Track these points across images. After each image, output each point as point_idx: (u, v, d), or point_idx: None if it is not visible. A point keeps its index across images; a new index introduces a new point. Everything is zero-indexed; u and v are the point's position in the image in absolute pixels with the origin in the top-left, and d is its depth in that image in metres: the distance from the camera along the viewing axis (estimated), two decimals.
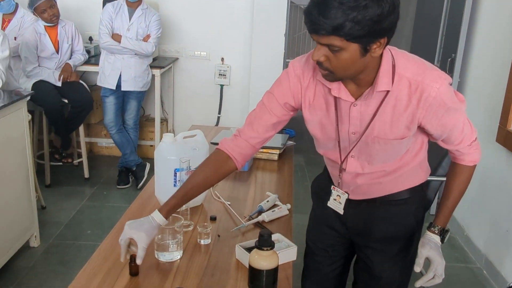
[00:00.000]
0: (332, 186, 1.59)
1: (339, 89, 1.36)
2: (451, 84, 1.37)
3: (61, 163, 4.08)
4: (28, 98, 2.91)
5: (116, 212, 3.43)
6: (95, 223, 3.39)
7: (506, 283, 2.63)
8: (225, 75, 4.50)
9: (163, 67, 4.14)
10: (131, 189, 3.92)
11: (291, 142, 2.57)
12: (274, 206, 1.87)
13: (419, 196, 1.61)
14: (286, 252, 1.52)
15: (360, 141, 1.43)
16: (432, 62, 3.83)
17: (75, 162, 4.18)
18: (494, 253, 2.92)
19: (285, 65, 4.23)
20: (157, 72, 4.03)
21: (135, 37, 3.76)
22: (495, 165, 2.92)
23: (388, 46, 1.32)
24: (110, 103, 3.85)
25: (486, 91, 3.12)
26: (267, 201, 1.86)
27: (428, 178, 2.39)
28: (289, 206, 1.87)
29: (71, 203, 3.62)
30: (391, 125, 1.37)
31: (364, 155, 1.47)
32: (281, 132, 2.67)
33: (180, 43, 4.49)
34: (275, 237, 1.59)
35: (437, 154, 2.45)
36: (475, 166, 1.56)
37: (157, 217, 1.44)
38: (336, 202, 1.58)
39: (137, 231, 1.41)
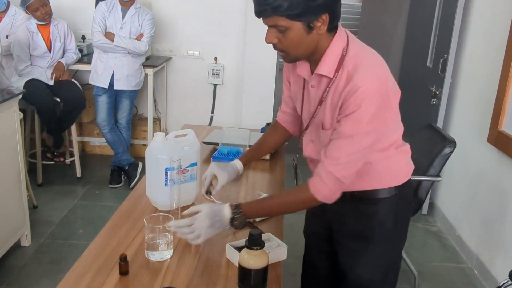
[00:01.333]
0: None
1: (302, 69, 1.48)
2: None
3: (53, 162, 4.06)
4: (20, 96, 2.90)
5: (108, 212, 3.42)
6: (87, 222, 3.38)
7: (497, 282, 2.65)
8: (218, 75, 4.49)
9: (156, 66, 4.13)
10: (123, 188, 3.91)
11: None
12: None
13: (396, 198, 1.56)
14: (276, 252, 1.52)
15: (311, 124, 1.51)
16: (424, 62, 3.87)
17: (67, 161, 4.17)
18: (485, 253, 2.94)
19: (278, 65, 4.23)
20: (150, 71, 4.02)
21: (128, 36, 3.75)
22: (487, 165, 2.94)
23: (352, 38, 1.41)
24: (102, 102, 3.84)
25: (477, 92, 3.13)
26: None
27: (419, 178, 2.43)
28: None
29: (63, 202, 3.61)
30: (329, 114, 1.42)
31: (319, 141, 1.52)
32: None
33: (174, 42, 4.48)
34: (265, 236, 1.59)
35: (428, 155, 2.47)
36: (314, 201, 1.43)
37: (238, 164, 1.78)
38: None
39: (222, 170, 1.73)
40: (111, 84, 3.78)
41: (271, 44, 1.38)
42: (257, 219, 1.75)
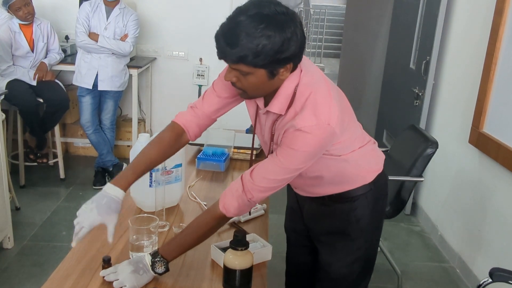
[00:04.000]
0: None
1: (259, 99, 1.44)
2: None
3: (36, 164, 4.02)
4: (2, 97, 2.86)
5: None
6: (70, 224, 3.27)
7: (478, 281, 2.69)
8: (203, 76, 4.49)
9: (141, 67, 4.12)
10: None
11: None
12: None
13: (372, 193, 1.58)
14: (261, 252, 1.53)
15: (270, 154, 1.47)
16: (408, 64, 3.91)
17: (51, 162, 4.12)
18: (467, 252, 2.98)
19: None
20: (134, 72, 4.00)
21: (112, 36, 3.73)
22: (468, 165, 2.99)
23: (305, 71, 1.37)
24: (86, 102, 3.81)
25: (459, 93, 3.18)
26: None
27: (402, 179, 2.46)
28: (265, 206, 1.89)
29: (46, 204, 3.57)
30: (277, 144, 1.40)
31: None
32: None
33: (158, 43, 4.46)
34: (250, 237, 1.60)
35: (411, 155, 2.50)
36: (223, 218, 1.42)
37: (118, 193, 1.44)
38: None
39: (108, 215, 1.42)
40: (95, 84, 3.76)
41: (228, 81, 1.36)
42: (242, 220, 1.76)
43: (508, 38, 2.54)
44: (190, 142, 2.39)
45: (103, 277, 1.39)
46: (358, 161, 1.53)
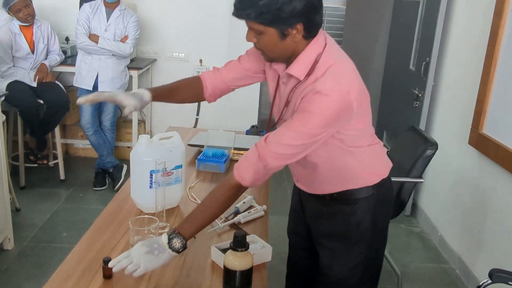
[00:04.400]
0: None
1: (278, 64, 1.49)
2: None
3: (36, 165, 4.02)
4: (3, 98, 2.87)
5: (92, 214, 3.38)
6: (70, 225, 3.35)
7: (478, 282, 2.69)
8: None
9: (141, 68, 4.12)
10: (107, 191, 3.89)
11: None
12: (250, 207, 1.88)
13: (374, 199, 1.57)
14: (261, 253, 1.53)
15: (279, 124, 1.51)
16: (407, 65, 3.92)
17: (51, 163, 4.13)
18: (466, 253, 2.98)
19: None
20: (134, 73, 4.01)
21: (112, 37, 3.73)
22: (468, 166, 2.99)
23: (330, 45, 1.42)
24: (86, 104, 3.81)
25: (459, 95, 3.19)
26: (243, 202, 1.87)
27: (402, 180, 2.46)
28: (265, 207, 1.89)
29: (46, 205, 3.57)
30: (293, 112, 1.42)
31: None
32: (258, 133, 2.70)
33: (158, 44, 4.47)
34: (250, 238, 1.60)
35: (411, 156, 2.50)
36: (241, 188, 1.42)
37: (146, 95, 1.60)
38: None
39: (129, 98, 1.53)
40: (95, 86, 3.76)
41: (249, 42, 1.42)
42: (242, 221, 1.76)
43: (507, 39, 2.55)
44: (189, 143, 2.42)
45: (104, 276, 1.39)
46: (363, 158, 1.53)
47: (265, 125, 1.68)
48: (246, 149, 2.38)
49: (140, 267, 1.32)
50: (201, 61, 4.49)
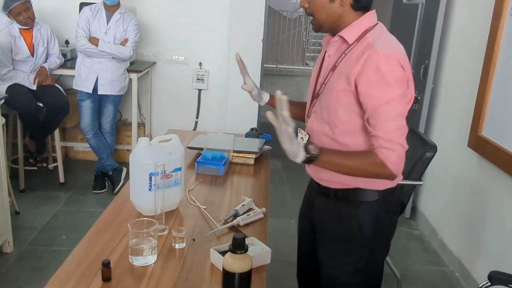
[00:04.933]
0: (298, 129, 1.64)
1: (326, 40, 1.63)
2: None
3: (35, 168, 4.02)
4: (2, 101, 2.87)
5: (92, 217, 3.39)
6: (70, 228, 3.35)
7: (477, 285, 2.69)
8: (203, 80, 4.50)
9: (141, 71, 4.13)
10: (107, 194, 3.89)
11: (267, 146, 2.59)
12: (250, 210, 1.87)
13: (378, 204, 1.58)
14: (260, 256, 1.53)
15: (321, 91, 1.58)
16: None
17: (50, 166, 4.13)
18: (466, 256, 2.98)
19: (263, 70, 4.25)
20: (134, 76, 4.01)
21: (112, 40, 3.74)
22: (467, 169, 2.99)
23: (381, 25, 1.56)
24: (86, 107, 3.82)
25: (458, 97, 3.19)
26: (243, 205, 1.87)
27: (401, 182, 2.45)
28: (264, 210, 1.89)
29: (45, 208, 3.57)
30: (337, 77, 1.51)
31: (320, 111, 1.59)
32: (257, 136, 2.70)
33: (158, 48, 4.48)
34: (249, 240, 1.60)
35: (411, 159, 2.50)
36: (384, 166, 1.42)
37: (265, 95, 1.96)
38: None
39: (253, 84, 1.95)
40: (95, 89, 3.77)
41: (302, 7, 1.55)
42: (241, 223, 1.76)
43: (506, 41, 2.55)
44: (188, 146, 2.42)
45: (103, 279, 1.39)
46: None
47: (264, 128, 1.71)
48: (246, 152, 2.39)
49: (290, 126, 1.30)
50: (200, 64, 4.49)
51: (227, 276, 1.35)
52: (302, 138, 1.66)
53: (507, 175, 2.49)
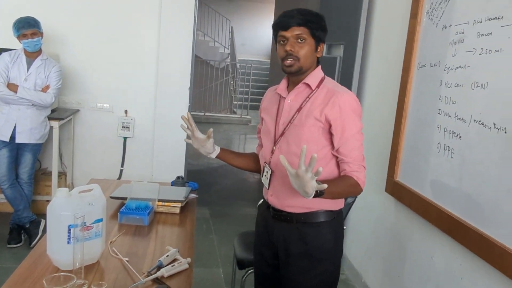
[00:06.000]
0: (264, 162, 1.94)
1: (282, 90, 1.92)
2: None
3: None
4: None
5: (5, 274, 3.14)
6: None
7: None
8: (128, 128, 4.44)
9: (63, 119, 4.01)
10: (23, 248, 3.65)
11: (193, 195, 2.58)
12: (174, 260, 1.84)
13: (335, 222, 1.89)
14: None
15: (287, 129, 1.85)
16: None
17: None
18: None
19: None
20: (55, 123, 3.89)
21: (33, 87, 3.62)
22: (385, 213, 3.13)
23: (326, 76, 1.91)
24: (2, 156, 3.62)
25: (375, 145, 3.37)
26: (167, 255, 1.83)
27: None
28: (189, 260, 1.86)
29: None
30: (306, 116, 1.81)
31: (285, 142, 1.86)
32: (183, 184, 2.69)
33: (82, 95, 4.39)
34: None
35: None
36: (358, 185, 1.80)
37: (216, 147, 2.02)
38: (265, 177, 1.93)
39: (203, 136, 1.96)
40: (12, 137, 3.60)
41: (289, 51, 1.78)
42: (165, 274, 1.72)
43: (415, 94, 2.76)
44: (111, 195, 2.36)
45: None
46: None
47: (191, 176, 1.80)
48: (171, 201, 2.36)
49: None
50: (126, 112, 4.44)
51: None
52: (267, 172, 1.92)
53: (421, 218, 2.63)
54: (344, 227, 2.06)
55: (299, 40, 1.77)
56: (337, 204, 1.92)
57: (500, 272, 1.93)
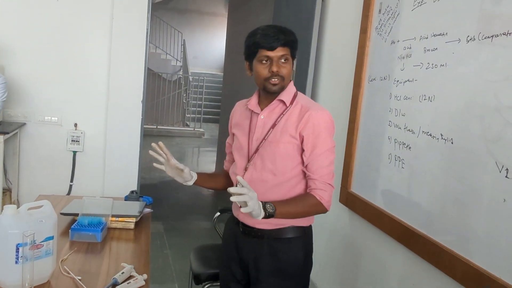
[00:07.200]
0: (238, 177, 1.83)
1: (253, 105, 1.92)
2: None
3: None
4: None
5: None
6: None
7: None
8: (78, 141, 4.31)
9: (8, 133, 3.84)
10: None
11: (148, 209, 2.53)
12: (130, 277, 1.80)
13: (306, 237, 1.94)
14: None
15: (260, 146, 1.86)
16: None
17: None
18: None
19: (143, 131, 4.21)
20: (0, 138, 3.72)
21: None
22: (340, 223, 3.19)
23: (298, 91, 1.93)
24: None
25: None
26: (122, 272, 1.78)
27: None
28: (145, 276, 1.82)
29: None
30: (281, 132, 1.82)
31: (259, 159, 1.86)
32: (137, 199, 2.64)
33: (28, 108, 4.23)
34: None
35: None
36: (320, 205, 1.81)
37: (193, 173, 1.97)
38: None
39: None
40: None
41: (275, 72, 1.80)
42: None
43: (365, 107, 2.84)
44: (62, 212, 2.28)
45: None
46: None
47: (145, 191, 1.76)
48: (125, 216, 2.30)
49: (248, 200, 1.58)
50: (76, 125, 4.31)
51: None
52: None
53: (374, 228, 2.69)
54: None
55: (282, 60, 1.78)
56: (308, 220, 1.94)
57: (449, 277, 2.01)
